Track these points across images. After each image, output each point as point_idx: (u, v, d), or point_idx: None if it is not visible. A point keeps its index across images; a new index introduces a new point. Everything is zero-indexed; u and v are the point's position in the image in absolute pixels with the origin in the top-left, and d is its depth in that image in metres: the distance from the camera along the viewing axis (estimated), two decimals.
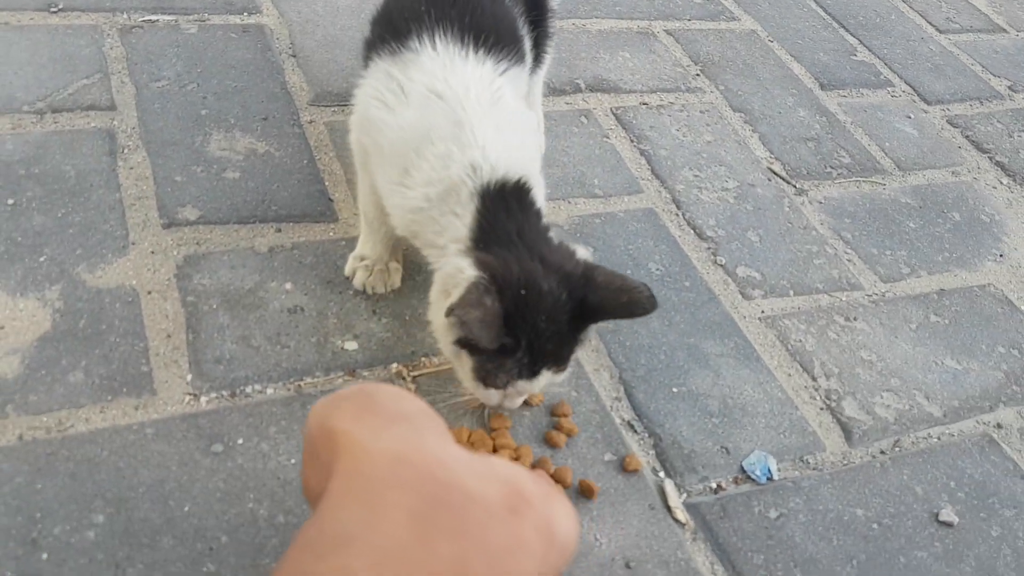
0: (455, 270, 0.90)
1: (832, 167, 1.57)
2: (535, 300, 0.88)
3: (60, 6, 1.40)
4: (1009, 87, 1.93)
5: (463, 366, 0.93)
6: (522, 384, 0.92)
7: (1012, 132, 1.78)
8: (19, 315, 0.99)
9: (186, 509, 0.87)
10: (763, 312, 1.25)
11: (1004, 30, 2.15)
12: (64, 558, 0.81)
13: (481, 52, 0.98)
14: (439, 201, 0.94)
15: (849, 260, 1.38)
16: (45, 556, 0.81)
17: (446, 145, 0.93)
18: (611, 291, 0.91)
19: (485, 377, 0.92)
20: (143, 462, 0.89)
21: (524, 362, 0.90)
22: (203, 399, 0.96)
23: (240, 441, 0.93)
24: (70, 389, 0.94)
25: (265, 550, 0.85)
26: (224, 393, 0.97)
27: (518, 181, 0.94)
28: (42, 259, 1.05)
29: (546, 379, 0.93)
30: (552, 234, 0.97)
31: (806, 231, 1.41)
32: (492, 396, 0.94)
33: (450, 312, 0.85)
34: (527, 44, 1.09)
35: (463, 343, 0.90)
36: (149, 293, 1.05)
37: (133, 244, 1.09)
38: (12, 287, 1.01)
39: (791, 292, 1.30)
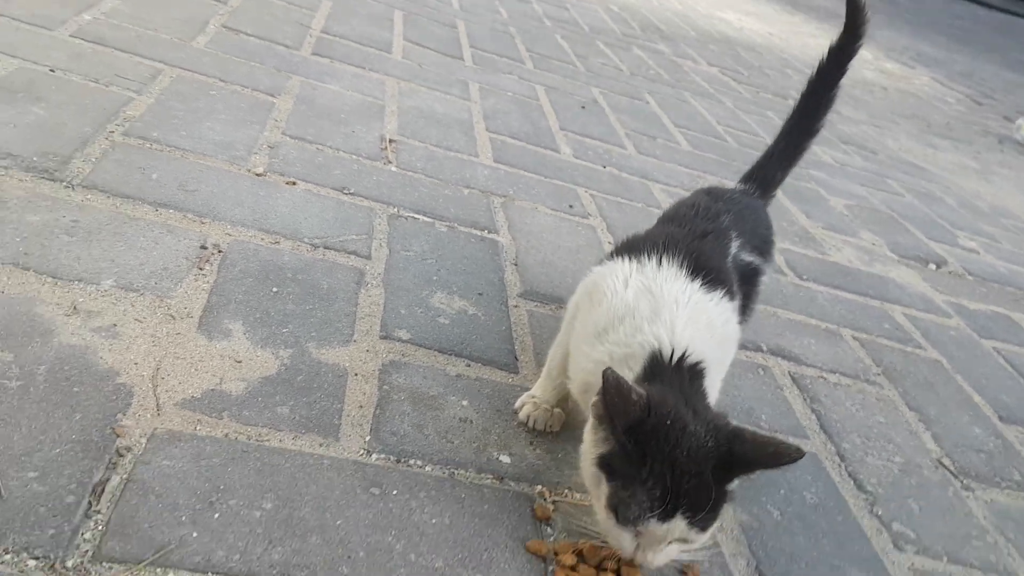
0: None
1: (1002, 478, 1.55)
2: (678, 434, 0.93)
3: (352, 191, 1.77)
4: None
5: (600, 496, 0.97)
6: (654, 525, 0.92)
7: None
8: (255, 358, 1.19)
9: (338, 523, 0.96)
10: (914, 564, 1.22)
11: None
12: (231, 522, 0.92)
13: (694, 277, 1.16)
14: (619, 362, 1.07)
15: (1009, 555, 1.33)
16: (216, 516, 0.92)
17: (641, 322, 1.09)
18: (758, 443, 0.96)
19: (618, 506, 0.94)
20: (314, 480, 1.01)
21: (656, 495, 0.91)
22: (374, 456, 1.08)
23: (395, 492, 1.03)
24: (275, 416, 1.10)
25: (394, 574, 0.91)
26: (391, 457, 1.09)
27: (696, 361, 1.05)
28: (284, 331, 1.27)
29: (680, 529, 0.93)
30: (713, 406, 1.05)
31: (968, 517, 1.38)
32: (624, 538, 0.95)
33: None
34: (734, 287, 1.26)
35: (603, 463, 0.96)
36: (355, 375, 1.22)
37: (354, 341, 1.29)
38: (257, 340, 1.23)
39: (945, 558, 1.26)
